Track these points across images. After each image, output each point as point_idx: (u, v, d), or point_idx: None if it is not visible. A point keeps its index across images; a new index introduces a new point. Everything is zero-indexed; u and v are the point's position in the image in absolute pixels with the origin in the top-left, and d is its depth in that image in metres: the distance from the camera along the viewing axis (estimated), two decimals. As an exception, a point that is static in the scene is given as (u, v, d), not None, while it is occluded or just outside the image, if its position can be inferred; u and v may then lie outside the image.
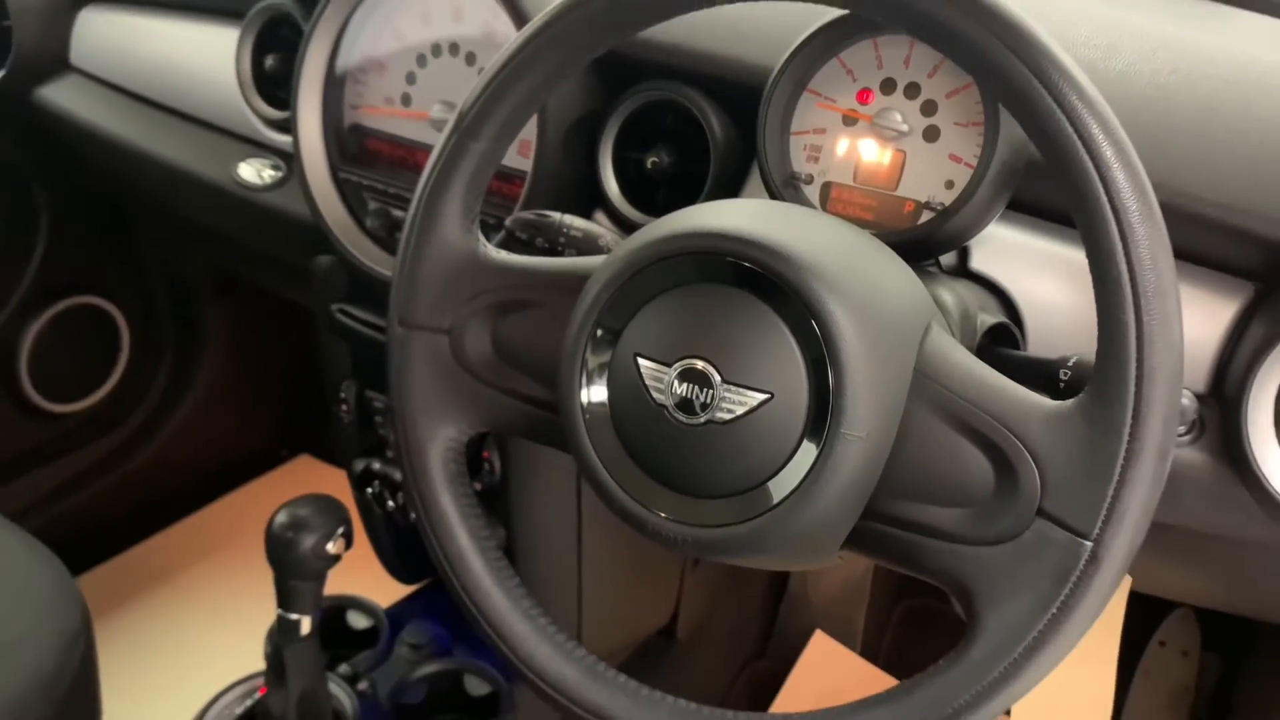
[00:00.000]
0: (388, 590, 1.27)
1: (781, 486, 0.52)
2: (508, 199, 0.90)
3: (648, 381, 0.54)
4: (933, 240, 0.69)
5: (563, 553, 1.13)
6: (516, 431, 0.67)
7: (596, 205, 0.88)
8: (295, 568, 0.87)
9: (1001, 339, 0.68)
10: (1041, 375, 0.60)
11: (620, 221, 0.86)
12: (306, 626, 0.90)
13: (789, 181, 0.74)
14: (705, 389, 0.52)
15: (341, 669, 1.13)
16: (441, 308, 0.64)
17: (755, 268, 0.52)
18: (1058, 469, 0.50)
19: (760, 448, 0.52)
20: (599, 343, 0.56)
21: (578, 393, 0.57)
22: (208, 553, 1.77)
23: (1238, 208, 0.64)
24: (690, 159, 0.82)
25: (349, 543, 0.90)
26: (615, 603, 1.27)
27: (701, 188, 0.80)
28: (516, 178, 0.89)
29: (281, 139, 1.09)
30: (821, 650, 1.54)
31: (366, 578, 1.24)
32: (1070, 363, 0.60)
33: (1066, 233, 0.71)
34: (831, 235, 0.56)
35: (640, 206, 0.85)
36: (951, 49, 0.51)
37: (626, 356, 0.55)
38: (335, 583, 0.93)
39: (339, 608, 1.24)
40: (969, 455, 0.52)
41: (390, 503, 1.12)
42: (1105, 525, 0.49)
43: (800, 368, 0.51)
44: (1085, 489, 0.49)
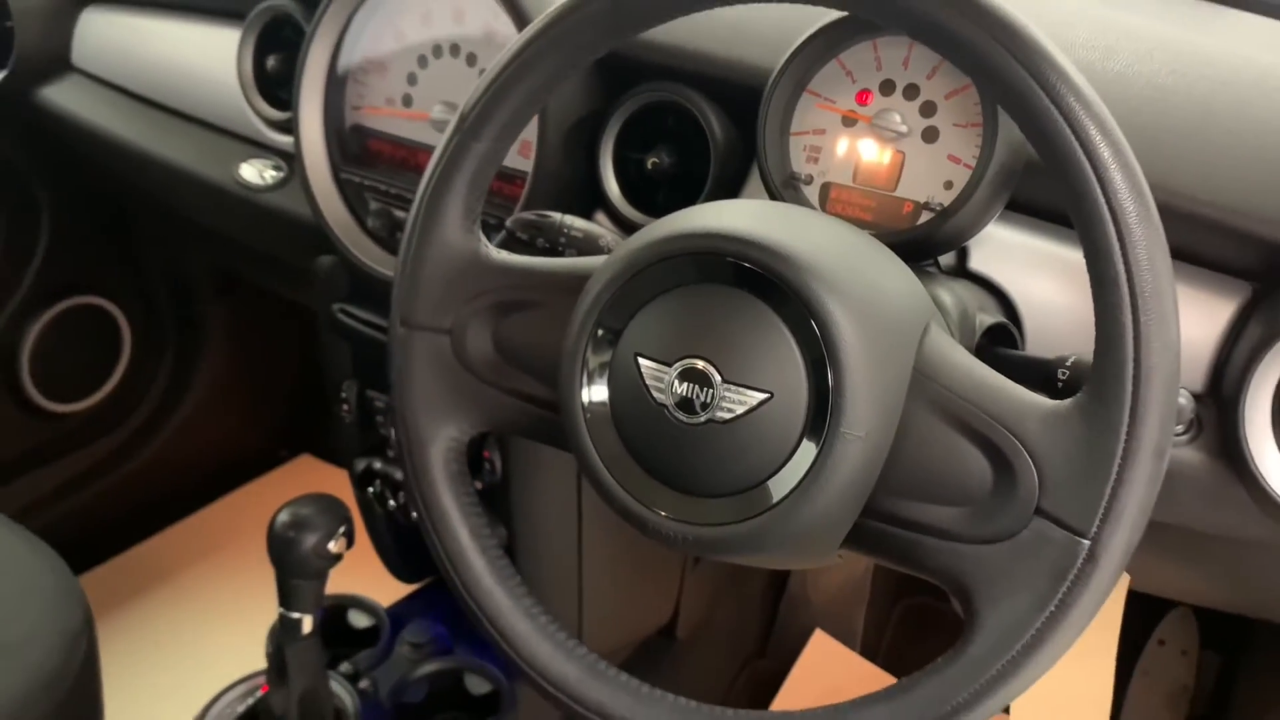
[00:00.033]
0: (389, 589, 1.27)
1: (781, 485, 0.52)
2: (508, 199, 0.90)
3: (648, 381, 0.54)
4: (932, 241, 0.69)
5: (563, 552, 1.13)
6: (518, 431, 0.67)
7: (597, 206, 0.88)
8: (297, 567, 0.88)
9: (1000, 339, 0.68)
10: (1040, 375, 0.60)
11: (620, 222, 0.86)
12: (308, 625, 0.91)
13: (789, 182, 0.75)
14: (705, 388, 0.52)
15: (343, 668, 1.13)
16: (443, 308, 0.65)
17: (755, 268, 0.52)
18: (1055, 468, 0.50)
19: (760, 447, 0.52)
20: (600, 342, 0.57)
21: (578, 392, 0.57)
22: (209, 552, 1.77)
23: (1235, 208, 0.65)
24: (690, 159, 0.82)
25: (350, 542, 0.90)
26: (616, 601, 1.27)
27: (702, 188, 0.81)
28: (517, 178, 0.89)
29: (283, 139, 1.10)
30: (821, 649, 1.54)
31: (368, 577, 1.24)
32: (1068, 362, 0.60)
33: (1065, 233, 0.71)
34: (831, 235, 0.56)
35: (640, 207, 0.85)
36: (950, 51, 0.51)
37: (627, 356, 0.55)
38: (336, 582, 0.93)
39: (340, 607, 1.24)
40: (967, 454, 0.52)
41: (391, 502, 1.12)
42: (1103, 524, 0.49)
43: (800, 367, 0.52)
44: (1083, 488, 0.49)
